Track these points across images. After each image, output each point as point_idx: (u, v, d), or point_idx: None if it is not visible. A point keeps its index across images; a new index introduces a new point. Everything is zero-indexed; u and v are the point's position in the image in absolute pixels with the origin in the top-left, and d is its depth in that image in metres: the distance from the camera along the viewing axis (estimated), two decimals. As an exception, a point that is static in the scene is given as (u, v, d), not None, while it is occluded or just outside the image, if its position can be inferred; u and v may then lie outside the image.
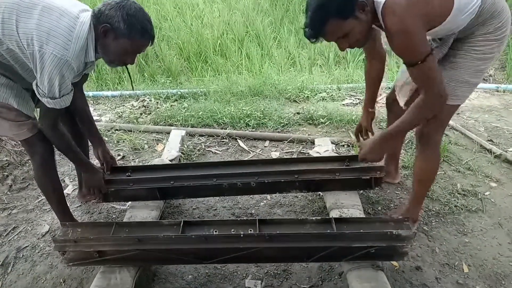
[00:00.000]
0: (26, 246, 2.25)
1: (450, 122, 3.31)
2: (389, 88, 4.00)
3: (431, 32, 1.68)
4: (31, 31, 1.54)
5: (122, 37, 1.64)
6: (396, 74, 4.01)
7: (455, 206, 2.41)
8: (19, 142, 2.64)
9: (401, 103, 2.13)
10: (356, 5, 1.54)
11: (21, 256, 2.19)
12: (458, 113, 3.58)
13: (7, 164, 2.91)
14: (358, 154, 2.04)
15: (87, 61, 1.70)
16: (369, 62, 2.13)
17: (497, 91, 4.06)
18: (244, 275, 2.04)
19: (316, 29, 1.60)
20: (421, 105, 1.70)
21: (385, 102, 2.41)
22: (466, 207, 2.40)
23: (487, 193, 2.53)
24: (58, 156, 2.92)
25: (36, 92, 1.68)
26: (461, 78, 1.75)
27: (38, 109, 1.88)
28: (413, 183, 2.16)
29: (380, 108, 3.15)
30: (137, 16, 1.62)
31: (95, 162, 2.36)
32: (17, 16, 1.55)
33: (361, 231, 1.74)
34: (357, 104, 3.83)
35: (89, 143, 2.34)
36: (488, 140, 3.11)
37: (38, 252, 2.21)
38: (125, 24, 1.61)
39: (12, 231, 2.36)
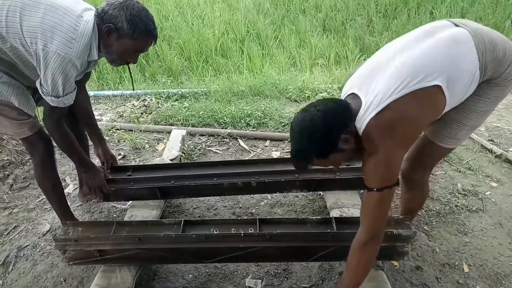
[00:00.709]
0: (27, 245, 2.25)
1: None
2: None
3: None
4: (35, 29, 1.55)
5: (125, 37, 1.66)
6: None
7: (456, 206, 2.41)
8: (19, 141, 2.65)
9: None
10: (338, 143, 1.41)
11: (22, 255, 2.19)
12: (459, 113, 3.57)
13: (8, 163, 2.91)
14: None
15: (90, 59, 1.70)
16: None
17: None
18: (245, 274, 2.04)
19: (300, 168, 1.57)
20: (362, 244, 1.49)
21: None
22: (467, 207, 2.40)
23: (487, 193, 2.53)
24: (59, 155, 2.93)
25: (39, 90, 1.69)
26: (467, 123, 1.58)
27: (38, 108, 1.89)
28: (401, 210, 2.08)
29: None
30: (141, 16, 1.64)
31: (96, 161, 2.37)
32: (21, 14, 1.55)
33: (362, 230, 1.74)
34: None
35: (90, 142, 2.34)
36: (489, 140, 3.11)
37: (39, 251, 2.21)
38: (129, 24, 1.62)
39: (13, 230, 2.37)
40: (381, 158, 1.37)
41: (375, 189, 1.40)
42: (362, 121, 1.39)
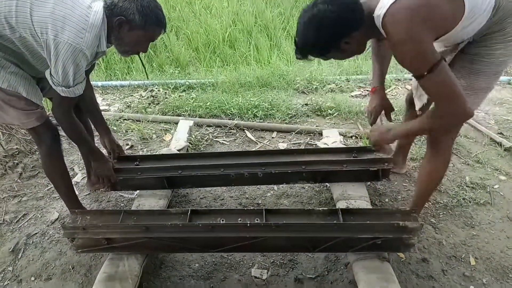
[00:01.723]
0: (36, 233, 2.28)
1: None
2: (398, 79, 3.98)
3: (444, 39, 1.56)
4: (45, 19, 1.55)
5: (137, 28, 1.67)
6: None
7: (463, 199, 2.40)
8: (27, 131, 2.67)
9: (417, 107, 2.01)
10: (340, 43, 1.52)
11: (31, 243, 2.22)
12: (468, 106, 3.53)
13: (17, 152, 2.95)
14: (368, 142, 2.03)
15: (99, 50, 1.71)
16: (377, 45, 2.00)
17: (509, 83, 4.00)
18: (251, 264, 2.06)
19: (302, 57, 1.64)
20: (435, 116, 1.56)
21: (405, 99, 2.28)
22: (475, 200, 2.39)
23: (496, 186, 2.51)
24: (67, 145, 2.96)
25: (50, 81, 1.70)
26: (479, 86, 1.62)
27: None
28: (416, 183, 2.09)
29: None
30: (151, 7, 1.66)
31: (102, 151, 2.38)
32: (31, 4, 1.56)
33: (368, 222, 1.75)
34: (366, 95, 3.80)
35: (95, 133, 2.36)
36: (498, 133, 3.07)
37: (48, 239, 2.25)
38: (140, 15, 1.64)
39: (22, 218, 2.40)
40: (410, 40, 1.39)
41: (426, 73, 1.43)
42: (382, 7, 1.42)
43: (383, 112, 2.09)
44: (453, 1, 1.44)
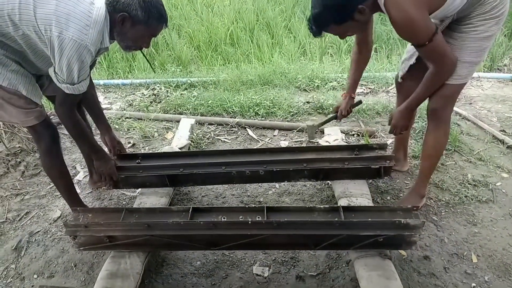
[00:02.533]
0: (38, 231, 2.29)
1: (463, 112, 3.28)
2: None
3: (434, 15, 1.73)
4: (49, 16, 1.56)
5: (139, 23, 1.69)
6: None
7: (465, 196, 2.39)
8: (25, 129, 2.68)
9: (400, 75, 2.24)
10: (354, 12, 1.69)
11: (33, 241, 2.23)
12: (470, 103, 3.53)
13: (19, 151, 2.96)
14: (389, 123, 2.20)
15: (102, 47, 1.72)
16: (359, 48, 2.22)
17: (512, 81, 3.98)
18: (252, 261, 2.06)
19: (317, 30, 1.80)
20: (434, 75, 1.82)
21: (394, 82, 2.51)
22: (477, 198, 2.38)
23: (498, 183, 2.50)
24: (69, 143, 2.97)
25: (54, 78, 1.70)
26: (464, 59, 1.79)
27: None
28: (421, 159, 2.23)
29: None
30: (153, 2, 1.67)
31: (103, 148, 2.39)
32: (34, 1, 1.56)
33: (369, 219, 1.74)
34: (367, 93, 3.79)
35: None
36: (501, 131, 3.06)
37: (50, 236, 2.25)
38: (143, 11, 1.65)
39: (24, 216, 2.41)
40: (410, 18, 1.60)
41: (427, 42, 1.66)
42: None
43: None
44: None
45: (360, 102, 2.54)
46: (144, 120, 3.38)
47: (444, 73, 1.82)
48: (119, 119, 3.40)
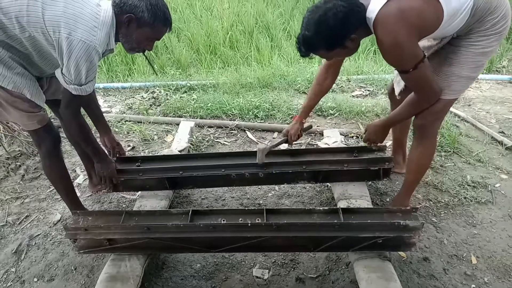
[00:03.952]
0: (39, 234, 2.29)
1: (461, 113, 3.29)
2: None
3: (429, 37, 1.72)
4: (58, 18, 1.57)
5: (145, 26, 1.70)
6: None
7: (465, 197, 2.40)
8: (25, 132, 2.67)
9: (396, 92, 2.19)
10: (346, 40, 1.64)
11: (33, 244, 2.23)
12: (469, 105, 3.54)
13: (19, 154, 2.96)
14: (363, 136, 2.21)
15: (108, 48, 1.73)
16: (325, 73, 2.14)
17: (510, 82, 3.99)
18: (252, 264, 2.06)
19: (306, 52, 1.73)
20: (414, 102, 1.83)
21: (387, 92, 2.46)
22: (476, 199, 2.39)
23: (497, 185, 2.51)
24: (69, 146, 2.97)
25: (61, 80, 1.70)
26: (461, 74, 1.75)
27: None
28: (405, 172, 2.20)
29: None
30: (159, 6, 1.69)
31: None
32: (43, 3, 1.57)
33: (368, 221, 1.75)
34: (366, 95, 3.80)
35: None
36: (500, 132, 3.08)
37: (50, 240, 2.26)
38: (149, 13, 1.67)
39: (24, 220, 2.41)
40: (398, 43, 1.56)
41: (411, 70, 1.63)
42: (372, 11, 1.56)
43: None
44: (433, 5, 1.56)
45: (310, 126, 2.48)
46: (143, 123, 3.39)
47: (424, 102, 1.81)
48: (119, 122, 3.40)
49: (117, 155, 2.35)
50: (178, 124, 3.20)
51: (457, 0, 1.56)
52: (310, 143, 3.03)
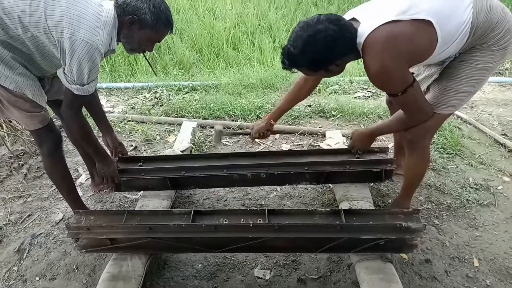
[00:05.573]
0: (41, 233, 2.30)
1: (464, 115, 3.29)
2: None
3: (424, 63, 1.69)
4: (61, 18, 1.57)
5: (147, 27, 1.71)
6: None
7: (467, 200, 2.39)
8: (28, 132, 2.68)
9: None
10: (330, 65, 1.61)
11: (35, 243, 2.24)
12: (471, 107, 3.53)
13: (22, 154, 2.97)
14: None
15: (110, 49, 1.74)
16: (304, 82, 2.12)
17: (513, 85, 3.99)
18: (253, 264, 2.06)
19: (288, 66, 1.68)
20: (404, 119, 1.80)
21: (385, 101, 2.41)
22: (478, 201, 2.38)
23: (499, 187, 2.50)
24: (72, 145, 2.98)
25: (63, 80, 1.71)
26: (460, 89, 1.69)
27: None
28: (403, 177, 2.20)
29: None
30: (162, 8, 1.70)
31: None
32: (45, 3, 1.58)
33: (370, 223, 1.75)
34: (369, 97, 3.80)
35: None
36: (502, 134, 3.07)
37: (52, 239, 2.26)
38: (152, 15, 1.68)
39: (27, 219, 2.42)
40: (385, 69, 1.53)
41: (399, 94, 1.62)
42: (361, 35, 1.54)
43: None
44: (426, 30, 1.52)
45: (283, 132, 2.48)
46: (146, 123, 3.39)
47: (412, 122, 1.80)
48: (121, 122, 3.41)
49: (119, 155, 2.35)
50: (180, 125, 3.21)
51: (453, 24, 1.52)
52: (312, 144, 3.03)
